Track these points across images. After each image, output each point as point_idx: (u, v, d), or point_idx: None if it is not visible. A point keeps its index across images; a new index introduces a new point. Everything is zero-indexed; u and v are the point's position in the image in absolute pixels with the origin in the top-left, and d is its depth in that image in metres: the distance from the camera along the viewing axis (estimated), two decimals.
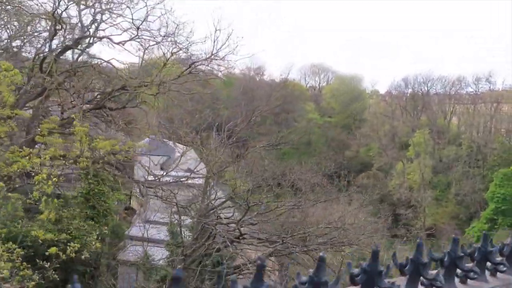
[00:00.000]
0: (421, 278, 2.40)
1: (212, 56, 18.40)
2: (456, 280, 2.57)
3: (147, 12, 18.10)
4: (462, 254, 2.58)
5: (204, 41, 18.11)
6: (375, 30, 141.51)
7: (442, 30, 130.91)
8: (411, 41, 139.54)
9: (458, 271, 2.58)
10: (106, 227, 12.06)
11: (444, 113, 66.87)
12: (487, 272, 2.72)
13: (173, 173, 28.52)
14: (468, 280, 2.59)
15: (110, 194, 13.42)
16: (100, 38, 17.31)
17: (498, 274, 2.75)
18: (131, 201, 23.60)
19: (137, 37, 17.70)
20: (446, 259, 2.53)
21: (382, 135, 66.06)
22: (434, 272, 2.46)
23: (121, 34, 18.06)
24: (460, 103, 66.96)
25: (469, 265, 2.64)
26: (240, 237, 17.17)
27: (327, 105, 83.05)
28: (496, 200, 46.16)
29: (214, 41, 17.65)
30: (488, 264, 2.72)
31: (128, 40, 17.00)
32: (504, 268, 2.73)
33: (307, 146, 71.22)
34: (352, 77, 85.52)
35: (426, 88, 69.45)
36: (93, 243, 10.96)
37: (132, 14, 17.80)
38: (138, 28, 17.18)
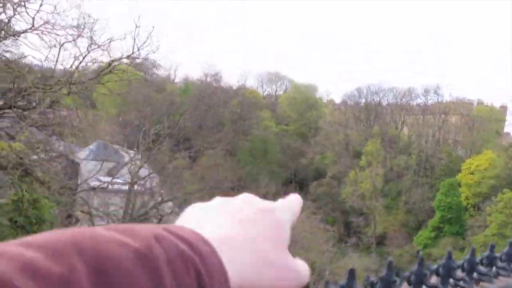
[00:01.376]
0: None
1: (133, 55, 17.46)
2: None
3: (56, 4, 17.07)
4: (427, 272, 2.74)
5: (124, 37, 16.31)
6: (329, 38, 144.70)
7: (392, 41, 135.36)
8: (363, 52, 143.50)
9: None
10: None
11: (395, 123, 68.94)
12: None
13: (120, 179, 28.14)
14: None
15: (43, 201, 12.58)
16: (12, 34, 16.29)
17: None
18: (74, 208, 23.07)
19: (42, 30, 16.57)
20: (412, 278, 2.68)
21: (336, 143, 67.35)
22: None
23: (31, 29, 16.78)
24: (410, 113, 69.26)
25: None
26: None
27: (283, 113, 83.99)
28: (442, 209, 47.94)
29: (134, 39, 16.60)
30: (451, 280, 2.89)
31: (28, 30, 15.94)
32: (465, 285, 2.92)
33: (263, 153, 71.73)
34: (307, 86, 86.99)
35: (378, 98, 71.52)
36: None
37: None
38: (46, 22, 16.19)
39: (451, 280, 2.96)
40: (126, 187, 28.82)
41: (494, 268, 3.28)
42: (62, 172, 20.66)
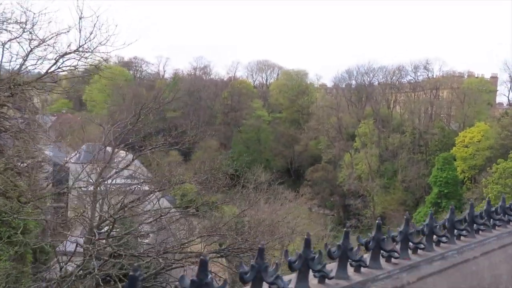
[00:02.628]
0: (349, 260, 2.82)
1: (80, 48, 14.84)
2: (382, 260, 3.00)
3: None
4: (384, 237, 3.02)
5: (68, 31, 14.78)
6: (317, 24, 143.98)
7: (378, 22, 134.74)
8: (349, 34, 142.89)
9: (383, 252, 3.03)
10: (26, 246, 10.33)
11: (387, 102, 68.68)
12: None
13: (112, 180, 27.74)
14: (392, 259, 3.06)
15: (22, 207, 11.76)
16: None
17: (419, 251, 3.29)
18: (68, 212, 22.68)
19: None
20: (371, 243, 2.99)
21: (330, 127, 67.07)
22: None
23: None
24: (402, 91, 68.99)
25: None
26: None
27: (275, 101, 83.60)
28: (438, 184, 47.79)
29: (80, 31, 14.65)
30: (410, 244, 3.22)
31: None
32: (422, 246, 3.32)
33: (256, 143, 71.45)
34: (297, 72, 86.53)
35: (368, 79, 71.19)
36: (5, 266, 9.74)
37: None
38: None
39: (455, 231, 3.56)
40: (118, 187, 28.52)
41: (491, 220, 4.01)
42: (45, 178, 20.29)
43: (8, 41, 14.77)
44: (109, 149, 38.01)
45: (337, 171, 60.43)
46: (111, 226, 16.29)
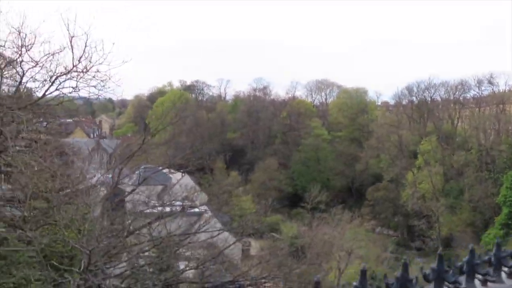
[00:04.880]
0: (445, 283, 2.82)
1: (75, 69, 13.60)
2: (477, 282, 2.96)
3: None
4: (478, 261, 3.00)
5: (61, 50, 13.55)
6: (375, 42, 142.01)
7: (437, 36, 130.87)
8: (407, 50, 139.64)
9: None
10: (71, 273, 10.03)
11: (450, 118, 66.32)
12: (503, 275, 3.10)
13: (174, 203, 28.45)
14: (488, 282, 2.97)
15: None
16: None
17: None
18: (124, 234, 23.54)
19: None
20: (465, 266, 2.96)
21: (391, 145, 65.60)
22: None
23: None
24: (465, 107, 66.39)
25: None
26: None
27: (334, 120, 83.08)
28: (508, 204, 45.23)
29: (72, 51, 13.38)
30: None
31: None
32: None
33: (316, 162, 71.08)
34: (357, 90, 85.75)
35: (429, 95, 69.16)
36: None
37: None
38: None
39: None
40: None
41: None
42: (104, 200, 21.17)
43: (5, 65, 13.85)
44: (166, 171, 39.21)
45: (400, 190, 58.73)
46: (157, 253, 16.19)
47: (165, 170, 40.93)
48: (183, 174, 38.48)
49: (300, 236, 39.00)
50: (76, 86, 14.55)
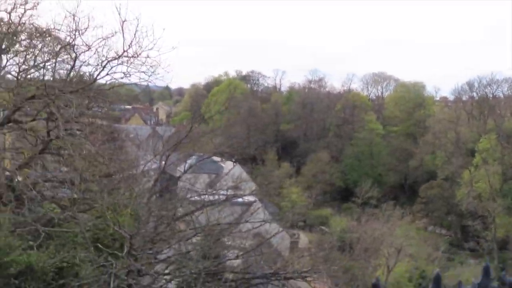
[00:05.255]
0: None
1: (125, 53, 13.42)
2: None
3: None
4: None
5: (113, 35, 13.31)
6: (435, 34, 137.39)
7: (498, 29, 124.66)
8: (468, 44, 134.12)
9: None
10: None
11: None
12: None
13: (221, 191, 29.09)
14: None
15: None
16: None
17: None
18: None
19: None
20: None
21: (447, 142, 63.81)
22: None
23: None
24: None
25: None
26: None
27: (390, 114, 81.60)
28: None
29: (123, 36, 13.17)
30: None
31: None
32: None
33: (369, 157, 70.28)
34: (414, 84, 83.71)
35: (491, 91, 66.55)
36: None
37: None
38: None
39: None
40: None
41: None
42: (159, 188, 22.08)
43: (60, 48, 13.85)
44: (217, 159, 40.07)
45: (455, 189, 57.10)
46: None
47: (217, 159, 41.92)
48: (234, 163, 39.34)
49: (349, 231, 39.01)
50: (127, 71, 14.40)
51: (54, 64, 14.21)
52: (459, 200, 55.13)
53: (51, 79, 14.38)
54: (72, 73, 14.57)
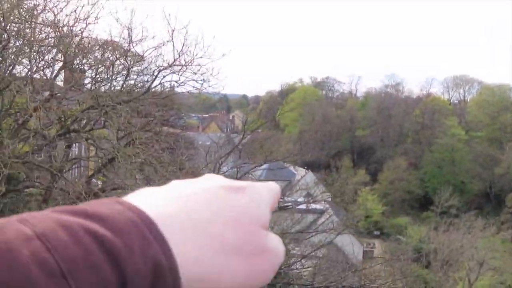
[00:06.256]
0: None
1: (176, 62, 13.39)
2: None
3: None
4: None
5: (163, 44, 13.37)
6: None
7: None
8: None
9: None
10: None
11: None
12: None
13: (292, 199, 29.06)
14: None
15: None
16: None
17: None
18: None
19: None
20: None
21: None
22: None
23: None
24: None
25: None
26: None
27: (473, 118, 77.58)
28: None
29: (173, 44, 13.12)
30: None
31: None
32: None
33: (450, 164, 67.03)
34: (500, 87, 78.98)
35: None
36: None
37: None
38: None
39: None
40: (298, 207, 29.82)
41: None
42: None
43: (117, 59, 14.02)
44: (291, 168, 40.14)
45: None
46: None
47: (290, 166, 41.97)
48: (307, 170, 39.18)
49: (426, 241, 37.42)
50: (179, 80, 14.50)
51: (110, 76, 14.45)
52: None
53: (106, 90, 14.53)
54: (125, 84, 14.82)
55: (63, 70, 13.95)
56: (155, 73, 14.26)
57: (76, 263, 0.42)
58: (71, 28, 13.17)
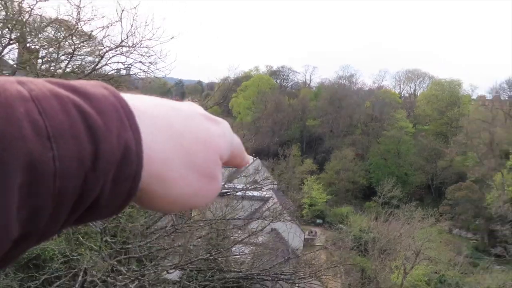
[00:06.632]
0: None
1: (123, 43, 12.85)
2: None
3: None
4: None
5: (111, 24, 12.82)
6: (473, 30, 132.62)
7: None
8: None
9: None
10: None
11: None
12: None
13: (239, 186, 28.20)
14: None
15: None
16: None
17: None
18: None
19: None
20: None
21: (480, 143, 61.20)
22: None
23: None
24: None
25: None
26: None
27: (421, 112, 79.08)
28: None
29: (121, 25, 12.59)
30: None
31: None
32: None
33: (396, 156, 68.07)
34: (450, 82, 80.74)
35: None
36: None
37: None
38: None
39: None
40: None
41: None
42: None
43: (63, 38, 13.57)
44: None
45: (484, 192, 54.58)
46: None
47: None
48: (254, 158, 38.53)
49: (367, 231, 37.60)
50: (125, 62, 14.07)
51: (58, 56, 14.05)
52: (488, 203, 52.74)
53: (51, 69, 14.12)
54: (70, 64, 14.43)
55: (16, 48, 13.10)
56: (102, 54, 13.72)
57: (61, 130, 0.46)
58: (20, 4, 12.43)
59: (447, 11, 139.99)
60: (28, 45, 13.51)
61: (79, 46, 13.78)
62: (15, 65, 13.43)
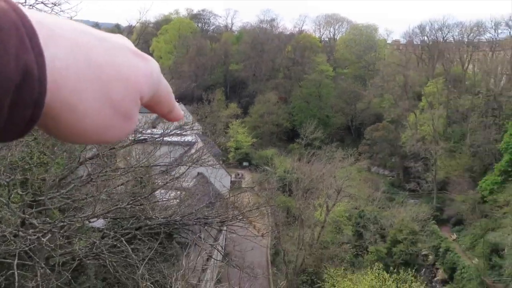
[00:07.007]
0: None
1: None
2: None
3: None
4: None
5: None
6: None
7: None
8: None
9: None
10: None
11: (461, 61, 63.62)
12: None
13: (161, 131, 27.13)
14: None
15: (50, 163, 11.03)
16: None
17: None
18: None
19: None
20: None
21: (395, 85, 63.58)
22: None
23: None
24: (478, 50, 63.46)
25: None
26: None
27: (340, 56, 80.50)
28: (510, 151, 43.88)
29: None
30: None
31: None
32: None
33: (317, 99, 69.31)
34: (367, 27, 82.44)
35: (442, 35, 66.05)
36: None
37: None
38: None
39: None
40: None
41: None
42: None
43: None
44: None
45: (400, 131, 57.34)
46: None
47: None
48: (179, 103, 37.09)
49: (291, 171, 38.20)
50: (25, 3, 12.84)
51: None
52: (403, 142, 55.54)
53: None
54: None
55: None
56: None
57: None
58: None
59: None
60: None
61: None
62: None
